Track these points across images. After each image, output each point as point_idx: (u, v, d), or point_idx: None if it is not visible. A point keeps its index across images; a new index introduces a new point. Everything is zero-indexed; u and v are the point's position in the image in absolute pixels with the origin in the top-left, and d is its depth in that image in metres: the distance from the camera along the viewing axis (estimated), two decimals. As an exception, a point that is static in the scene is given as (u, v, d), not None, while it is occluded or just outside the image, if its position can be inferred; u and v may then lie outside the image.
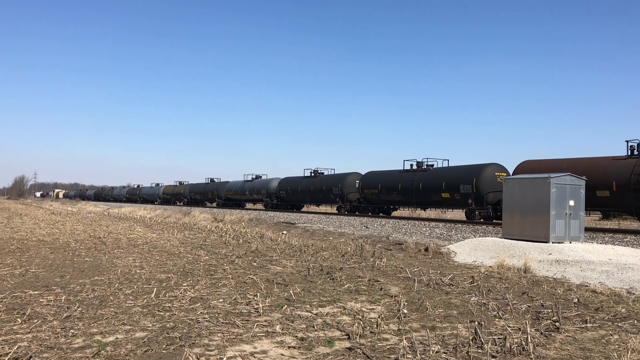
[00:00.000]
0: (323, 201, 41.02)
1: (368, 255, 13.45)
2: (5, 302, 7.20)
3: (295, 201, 44.45)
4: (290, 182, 45.03)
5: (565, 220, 14.39)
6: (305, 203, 44.07)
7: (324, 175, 41.85)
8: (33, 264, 10.99)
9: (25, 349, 5.07)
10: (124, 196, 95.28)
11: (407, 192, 31.43)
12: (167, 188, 75.29)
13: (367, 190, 34.71)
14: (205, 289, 8.44)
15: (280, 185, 45.84)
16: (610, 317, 7.02)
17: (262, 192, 48.63)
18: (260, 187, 49.39)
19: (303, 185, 42.47)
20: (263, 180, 50.59)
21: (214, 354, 5.07)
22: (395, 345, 5.47)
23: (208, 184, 62.58)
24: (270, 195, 47.35)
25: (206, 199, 62.48)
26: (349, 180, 37.71)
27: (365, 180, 35.52)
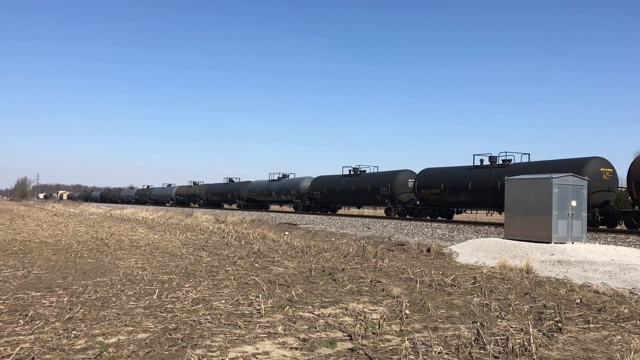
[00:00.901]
0: (367, 202, 36.80)
1: (370, 256, 13.45)
2: (8, 304, 7.21)
3: (332, 202, 40.51)
4: (325, 181, 40.71)
5: (567, 221, 14.37)
6: (343, 204, 39.87)
7: (369, 174, 37.35)
8: (35, 266, 11.00)
9: (28, 351, 5.08)
10: (132, 197, 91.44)
11: (480, 192, 26.77)
12: (180, 189, 71.18)
13: (426, 191, 30.24)
14: (207, 290, 8.44)
15: (314, 185, 41.49)
16: (613, 318, 7.01)
17: (291, 192, 44.53)
18: (289, 187, 45.33)
19: (342, 185, 38.13)
20: (292, 179, 46.48)
21: (216, 355, 5.07)
22: (398, 346, 5.47)
23: (227, 185, 58.15)
24: (301, 196, 43.34)
25: (225, 200, 58.12)
26: (400, 179, 33.39)
27: (422, 178, 30.94)
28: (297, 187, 44.17)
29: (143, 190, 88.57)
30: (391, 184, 33.69)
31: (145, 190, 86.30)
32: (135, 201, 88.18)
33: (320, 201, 41.22)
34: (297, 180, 45.12)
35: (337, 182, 39.00)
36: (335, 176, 40.24)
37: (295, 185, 44.55)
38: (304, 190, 43.35)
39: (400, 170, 34.13)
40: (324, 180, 40.97)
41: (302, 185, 43.75)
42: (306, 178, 44.31)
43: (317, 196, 41.11)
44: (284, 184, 46.42)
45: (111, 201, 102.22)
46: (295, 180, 45.54)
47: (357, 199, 37.18)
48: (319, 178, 42.04)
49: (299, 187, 43.91)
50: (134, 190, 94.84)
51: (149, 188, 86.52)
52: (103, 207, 70.97)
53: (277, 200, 48.12)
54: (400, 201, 33.07)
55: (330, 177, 40.67)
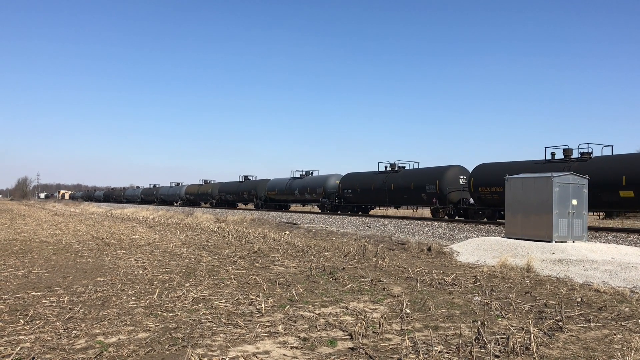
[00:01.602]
0: (408, 202, 33.08)
1: (370, 255, 13.44)
2: (8, 303, 7.21)
3: (365, 202, 36.58)
4: (358, 178, 36.53)
5: (568, 220, 14.36)
6: (379, 204, 35.85)
7: (410, 170, 33.60)
8: (36, 265, 11.00)
9: (28, 350, 5.07)
10: (138, 197, 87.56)
11: None
12: (190, 188, 67.27)
13: (484, 189, 26.22)
14: (208, 289, 8.44)
15: (344, 183, 37.49)
16: (614, 317, 7.00)
17: (317, 191, 40.60)
18: (314, 185, 41.31)
19: (378, 182, 33.94)
20: (318, 177, 42.61)
21: (216, 354, 5.06)
22: (398, 345, 5.46)
23: (243, 183, 53.85)
24: (328, 195, 39.56)
25: (240, 200, 54.19)
26: (450, 175, 29.58)
27: (480, 174, 26.96)
28: (323, 186, 40.25)
29: (149, 189, 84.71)
30: (439, 181, 29.61)
31: (152, 190, 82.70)
32: (142, 201, 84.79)
33: (351, 200, 37.31)
34: (323, 178, 41.23)
35: (372, 179, 34.79)
36: (369, 173, 36.00)
37: (322, 183, 40.59)
38: (331, 188, 39.74)
39: (450, 166, 30.07)
40: (357, 178, 36.66)
41: (330, 183, 39.99)
42: (334, 175, 40.72)
43: (347, 195, 37.15)
44: (308, 182, 42.59)
45: (116, 201, 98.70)
46: (321, 178, 41.64)
47: (397, 198, 33.16)
48: (350, 175, 37.84)
49: (326, 185, 40.10)
50: (139, 189, 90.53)
51: (155, 187, 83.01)
52: (104, 206, 70.95)
53: (300, 200, 44.40)
54: (450, 201, 29.25)
55: (364, 174, 36.42)
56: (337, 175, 40.29)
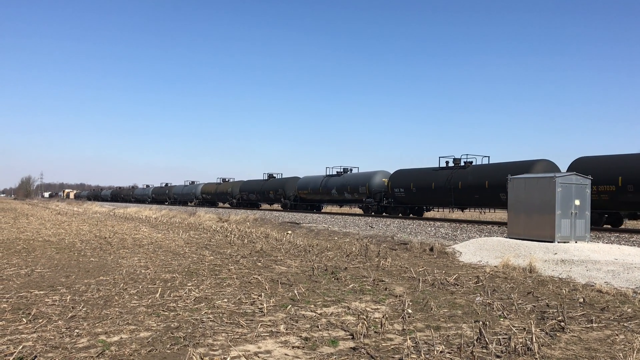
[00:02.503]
0: (481, 203, 28.17)
1: (373, 255, 13.44)
2: (11, 302, 7.23)
3: (423, 202, 31.88)
4: (413, 175, 31.90)
5: (570, 220, 14.33)
6: (441, 206, 31.13)
7: (483, 166, 28.34)
8: (39, 264, 11.03)
9: (30, 349, 5.09)
10: (148, 196, 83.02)
11: None
12: (207, 186, 63.04)
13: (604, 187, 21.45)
14: (210, 289, 8.45)
15: (395, 181, 32.90)
16: (616, 317, 6.98)
17: (359, 190, 36.41)
18: (355, 183, 37.12)
19: (440, 180, 29.40)
20: (361, 174, 38.08)
21: (218, 353, 5.07)
22: (400, 345, 5.46)
23: (268, 181, 49.42)
24: (373, 195, 35.07)
25: (265, 199, 49.58)
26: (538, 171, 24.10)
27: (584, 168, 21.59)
28: (367, 184, 35.85)
29: (161, 188, 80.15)
30: None
31: (164, 189, 78.02)
32: (152, 200, 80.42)
33: (403, 201, 32.68)
34: (367, 175, 36.71)
35: (432, 176, 30.20)
36: (427, 169, 31.50)
37: (366, 181, 36.21)
38: (377, 187, 35.21)
39: (538, 160, 25.49)
40: (411, 175, 32.08)
41: (375, 181, 35.54)
42: (380, 172, 36.14)
43: (399, 195, 32.43)
44: (349, 180, 38.15)
45: (124, 200, 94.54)
46: (364, 175, 37.13)
47: (464, 199, 28.42)
48: (403, 172, 33.25)
49: (371, 183, 35.65)
50: (150, 188, 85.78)
51: (167, 186, 78.51)
52: (107, 206, 71.00)
53: (338, 200, 40.06)
54: None
55: (421, 171, 31.79)
56: (383, 172, 36.12)
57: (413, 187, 31.32)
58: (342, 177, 39.49)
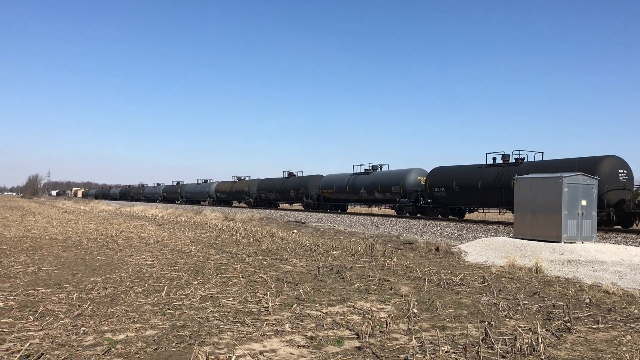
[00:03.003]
0: None
1: (378, 254, 13.43)
2: (18, 300, 7.27)
3: (468, 203, 28.60)
4: (455, 173, 28.54)
5: (577, 220, 14.28)
6: (490, 206, 28.13)
7: (538, 163, 25.42)
8: (45, 262, 11.08)
9: (37, 346, 5.12)
10: (159, 195, 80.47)
11: None
12: (222, 185, 60.19)
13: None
14: (216, 287, 8.47)
15: (434, 179, 29.66)
16: (623, 318, 6.95)
17: (392, 189, 33.27)
18: (388, 181, 33.95)
19: (488, 179, 26.28)
20: (394, 171, 34.93)
21: (223, 352, 5.08)
22: (405, 345, 5.46)
23: (288, 180, 46.53)
24: (409, 194, 31.91)
25: (285, 199, 46.83)
26: (607, 169, 21.64)
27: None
28: (402, 183, 32.76)
29: (173, 187, 77.41)
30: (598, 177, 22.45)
31: (176, 187, 75.22)
32: (164, 199, 77.74)
33: (444, 201, 29.38)
34: (401, 173, 33.67)
35: (480, 174, 27.01)
36: (472, 167, 28.32)
37: (399, 179, 33.16)
38: (412, 186, 32.18)
39: (606, 156, 22.60)
40: (453, 173, 28.86)
41: (410, 180, 32.48)
42: (415, 170, 33.17)
43: (439, 194, 29.35)
44: (379, 178, 35.05)
45: (133, 199, 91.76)
46: (398, 173, 34.04)
47: None
48: (443, 170, 30.08)
49: (406, 181, 32.60)
50: (161, 187, 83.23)
51: (179, 184, 75.92)
52: (113, 204, 71.20)
53: (368, 200, 37.12)
54: (608, 204, 21.43)
55: (465, 168, 28.67)
56: (419, 170, 33.14)
57: (456, 186, 28.02)
58: (371, 175, 36.26)
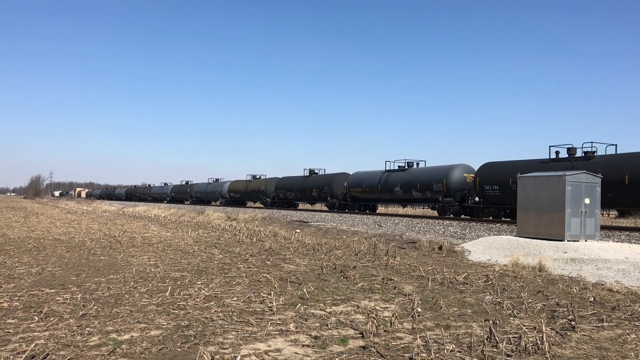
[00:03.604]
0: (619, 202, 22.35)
1: (381, 253, 13.43)
2: (23, 300, 7.28)
3: None
4: (511, 170, 24.60)
5: (580, 219, 14.25)
6: None
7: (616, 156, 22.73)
8: (49, 263, 11.11)
9: (42, 347, 5.13)
10: (167, 195, 78.45)
11: None
12: (235, 184, 57.76)
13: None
14: (220, 287, 8.48)
15: (484, 177, 26.62)
16: (627, 316, 6.94)
17: (433, 188, 29.97)
18: (428, 179, 30.70)
19: None
20: (434, 168, 31.55)
21: (228, 352, 5.09)
22: (410, 344, 5.46)
23: (310, 178, 43.69)
24: (453, 193, 28.68)
25: (307, 198, 44.06)
26: None
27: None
28: (445, 180, 29.33)
29: (182, 186, 74.95)
30: None
31: (185, 187, 72.83)
32: (172, 200, 76.02)
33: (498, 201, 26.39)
34: (443, 170, 30.11)
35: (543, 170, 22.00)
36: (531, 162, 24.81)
37: (442, 176, 29.61)
38: (458, 183, 28.56)
39: None
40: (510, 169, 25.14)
41: (454, 177, 29.04)
42: (459, 166, 29.64)
43: (492, 193, 26.37)
44: (418, 176, 31.52)
45: (140, 199, 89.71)
46: (440, 170, 30.44)
47: None
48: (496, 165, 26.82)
49: (450, 179, 29.16)
50: (168, 187, 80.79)
51: (188, 184, 73.35)
52: (116, 204, 71.27)
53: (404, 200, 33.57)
54: None
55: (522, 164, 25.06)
56: (464, 166, 29.82)
57: (512, 183, 24.16)
58: (408, 172, 33.01)
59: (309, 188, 42.80)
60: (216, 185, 62.60)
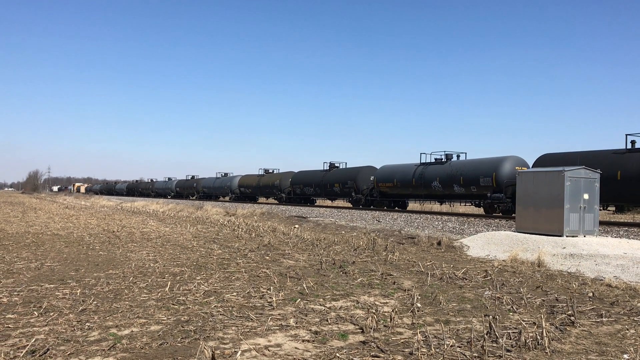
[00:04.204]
0: None
1: (380, 249, 13.44)
2: (22, 295, 7.28)
3: None
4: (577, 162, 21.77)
5: (579, 214, 14.27)
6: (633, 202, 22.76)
7: None
8: (48, 258, 11.09)
9: (43, 342, 5.12)
10: (171, 190, 75.50)
11: None
12: (246, 179, 54.39)
13: None
14: (219, 282, 8.48)
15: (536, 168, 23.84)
16: (626, 312, 6.96)
17: (480, 182, 27.00)
18: (473, 173, 27.67)
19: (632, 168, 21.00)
20: (481, 161, 28.28)
21: (228, 347, 5.09)
22: (410, 339, 5.47)
23: (330, 172, 40.25)
24: (505, 188, 25.93)
25: (327, 194, 40.48)
26: None
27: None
28: (494, 174, 26.49)
29: (187, 181, 71.87)
30: None
31: (191, 182, 69.79)
32: (176, 194, 73.25)
33: None
34: (492, 163, 27.20)
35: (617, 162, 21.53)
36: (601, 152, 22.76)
37: (491, 170, 26.76)
38: (510, 178, 25.35)
39: None
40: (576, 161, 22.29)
41: (505, 171, 26.33)
42: (510, 158, 27.00)
43: None
44: (461, 169, 28.58)
45: (142, 195, 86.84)
46: (488, 163, 27.46)
47: None
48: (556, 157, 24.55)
49: (500, 173, 26.41)
50: (173, 181, 77.46)
51: (194, 178, 70.20)
52: (114, 199, 71.19)
53: (443, 195, 30.35)
54: None
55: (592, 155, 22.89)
56: (515, 158, 26.98)
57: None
58: (448, 164, 29.81)
59: (330, 183, 39.20)
60: (225, 179, 59.70)
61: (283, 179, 46.93)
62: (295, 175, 45.13)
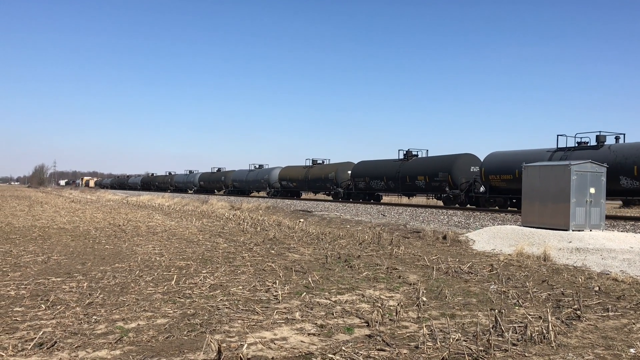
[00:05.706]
0: None
1: (386, 243, 13.43)
2: (29, 289, 7.32)
3: None
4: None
5: (585, 208, 14.22)
6: None
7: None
8: (55, 252, 11.15)
9: (50, 335, 5.15)
10: (194, 184, 67.69)
11: None
12: (289, 170, 46.67)
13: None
14: (225, 276, 8.50)
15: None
16: (633, 306, 6.94)
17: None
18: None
19: None
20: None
21: (234, 340, 5.11)
22: (415, 332, 5.47)
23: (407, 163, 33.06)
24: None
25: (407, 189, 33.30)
26: None
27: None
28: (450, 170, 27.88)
29: (212, 174, 63.10)
30: None
31: (218, 175, 61.09)
32: (200, 189, 65.80)
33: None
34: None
35: None
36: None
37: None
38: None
39: None
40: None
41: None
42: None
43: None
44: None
45: (159, 189, 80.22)
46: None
47: None
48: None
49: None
50: (195, 174, 69.06)
51: (221, 171, 61.70)
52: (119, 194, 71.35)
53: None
54: None
55: None
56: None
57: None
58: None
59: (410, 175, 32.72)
60: (261, 172, 51.24)
61: (340, 171, 39.19)
62: (356, 166, 37.68)
